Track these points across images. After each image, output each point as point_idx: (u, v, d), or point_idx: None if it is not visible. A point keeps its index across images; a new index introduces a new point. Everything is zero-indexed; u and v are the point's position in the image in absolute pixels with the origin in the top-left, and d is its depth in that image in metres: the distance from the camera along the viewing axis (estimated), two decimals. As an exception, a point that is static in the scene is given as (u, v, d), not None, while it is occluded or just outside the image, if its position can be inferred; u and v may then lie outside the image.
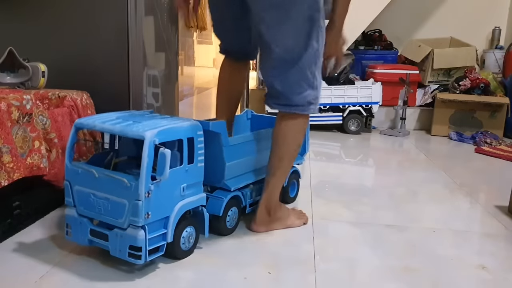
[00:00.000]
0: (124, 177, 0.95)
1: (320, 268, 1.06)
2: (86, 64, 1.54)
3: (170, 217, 1.00)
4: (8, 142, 1.07)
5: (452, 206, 1.59)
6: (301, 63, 1.16)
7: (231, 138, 1.17)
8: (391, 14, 3.55)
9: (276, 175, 1.25)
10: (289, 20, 1.12)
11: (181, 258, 1.06)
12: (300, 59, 1.15)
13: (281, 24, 1.13)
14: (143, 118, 1.06)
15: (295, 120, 1.21)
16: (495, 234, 1.33)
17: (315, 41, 1.15)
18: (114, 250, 0.97)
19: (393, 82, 3.10)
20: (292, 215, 1.33)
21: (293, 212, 1.36)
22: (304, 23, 1.13)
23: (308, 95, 1.19)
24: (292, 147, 1.24)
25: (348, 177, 1.93)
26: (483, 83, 2.98)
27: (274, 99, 1.21)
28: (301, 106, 1.19)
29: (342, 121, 2.93)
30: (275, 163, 1.24)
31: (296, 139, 1.24)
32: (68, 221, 1.04)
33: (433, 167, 2.15)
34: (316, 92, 1.21)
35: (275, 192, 1.26)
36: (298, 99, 1.18)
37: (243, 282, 0.99)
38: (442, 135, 3.02)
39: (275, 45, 1.14)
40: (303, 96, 1.18)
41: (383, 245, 1.22)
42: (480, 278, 1.06)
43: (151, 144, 0.93)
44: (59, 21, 1.54)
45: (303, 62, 1.16)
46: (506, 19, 3.73)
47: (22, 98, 1.16)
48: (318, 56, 1.18)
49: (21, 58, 1.35)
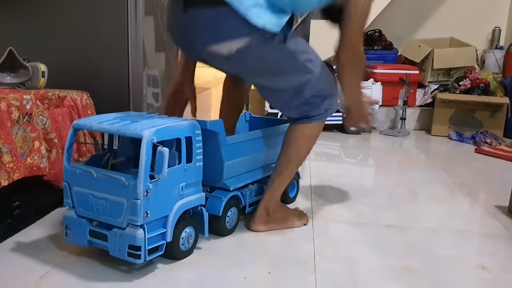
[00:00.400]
0: (122, 176, 0.95)
1: (320, 268, 1.06)
2: (86, 64, 1.54)
3: (169, 216, 1.00)
4: (8, 142, 1.07)
5: (452, 206, 1.59)
6: (306, 92, 1.17)
7: (229, 137, 1.17)
8: (391, 14, 3.55)
9: (282, 175, 1.25)
10: (277, 83, 1.17)
11: (181, 259, 1.06)
12: (306, 90, 1.17)
13: (272, 90, 1.19)
14: (140, 117, 1.06)
15: (310, 125, 1.22)
16: (495, 234, 1.33)
17: (308, 75, 1.16)
18: (114, 250, 0.97)
19: (393, 82, 3.10)
20: (292, 215, 1.33)
21: (293, 212, 1.36)
22: (291, 80, 1.15)
23: (324, 105, 1.20)
24: (302, 151, 1.25)
25: (348, 177, 1.93)
26: (483, 83, 2.98)
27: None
28: (318, 115, 1.21)
29: (342, 121, 2.93)
30: (283, 163, 1.24)
31: (308, 144, 1.24)
32: (67, 223, 1.04)
33: (433, 167, 2.15)
34: (332, 98, 1.22)
35: (278, 192, 1.27)
36: (316, 111, 1.20)
37: (243, 282, 0.99)
38: (442, 135, 3.02)
39: (273, 100, 1.24)
40: (320, 108, 1.20)
41: (383, 245, 1.22)
42: (480, 278, 1.06)
43: (149, 143, 0.93)
44: (59, 21, 1.54)
45: (308, 90, 1.17)
46: (506, 19, 3.73)
47: (22, 98, 1.16)
48: (321, 75, 1.18)
49: (21, 58, 1.35)
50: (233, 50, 1.07)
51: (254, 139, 1.29)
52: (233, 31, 1.05)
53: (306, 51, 1.17)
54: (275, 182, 1.25)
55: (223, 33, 1.06)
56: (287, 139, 1.24)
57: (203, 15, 1.06)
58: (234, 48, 1.07)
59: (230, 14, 1.02)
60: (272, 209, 1.26)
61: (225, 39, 1.06)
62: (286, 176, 1.26)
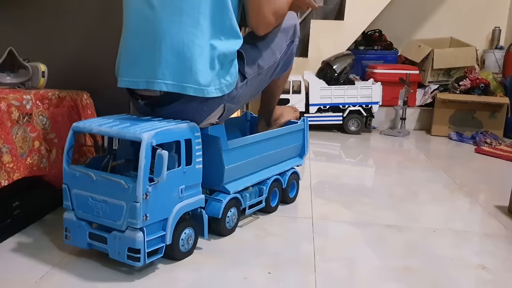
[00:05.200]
0: (122, 179, 0.95)
1: (320, 268, 1.06)
2: (86, 64, 1.54)
3: (168, 219, 0.99)
4: (8, 142, 1.07)
5: (452, 206, 1.59)
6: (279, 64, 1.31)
7: (230, 141, 1.17)
8: (391, 14, 3.56)
9: (276, 97, 1.47)
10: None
11: (180, 259, 1.06)
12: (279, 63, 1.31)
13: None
14: (140, 120, 1.06)
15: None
16: (495, 234, 1.33)
17: (275, 61, 1.27)
18: (113, 253, 0.97)
19: (393, 82, 3.10)
20: (286, 112, 1.53)
21: (286, 109, 1.57)
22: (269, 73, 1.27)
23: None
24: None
25: (348, 177, 1.93)
26: (483, 83, 2.98)
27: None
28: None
29: (342, 121, 2.93)
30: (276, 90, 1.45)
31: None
32: (66, 225, 1.04)
33: (433, 167, 2.15)
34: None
35: (272, 106, 1.50)
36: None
37: (243, 282, 0.99)
38: (442, 135, 3.02)
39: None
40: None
41: (383, 245, 1.22)
42: (480, 278, 1.06)
43: (148, 146, 0.93)
44: (59, 21, 1.54)
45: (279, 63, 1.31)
46: (506, 19, 3.73)
47: (22, 98, 1.16)
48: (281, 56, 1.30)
49: (21, 58, 1.35)
50: (216, 120, 1.15)
51: (255, 143, 1.29)
52: (207, 110, 1.10)
53: (260, 58, 1.22)
54: (272, 104, 1.48)
55: (199, 115, 1.10)
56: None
57: (173, 109, 1.10)
58: (216, 118, 1.15)
59: (195, 100, 1.07)
60: (271, 119, 1.51)
61: (204, 118, 1.12)
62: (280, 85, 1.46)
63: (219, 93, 1.08)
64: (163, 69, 1.05)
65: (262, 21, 1.16)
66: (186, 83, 1.04)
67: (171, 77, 1.05)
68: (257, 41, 1.22)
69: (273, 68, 1.27)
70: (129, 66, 1.11)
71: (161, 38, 1.05)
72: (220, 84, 1.08)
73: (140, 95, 1.13)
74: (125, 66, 1.12)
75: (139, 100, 1.14)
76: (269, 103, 1.50)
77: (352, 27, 3.26)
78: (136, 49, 1.09)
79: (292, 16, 1.32)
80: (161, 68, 1.05)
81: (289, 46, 1.31)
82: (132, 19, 1.10)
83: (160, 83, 1.05)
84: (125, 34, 1.13)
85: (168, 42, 1.04)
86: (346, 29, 3.26)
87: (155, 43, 1.05)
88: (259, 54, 1.21)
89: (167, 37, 1.04)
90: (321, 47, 3.27)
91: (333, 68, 2.95)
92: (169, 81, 1.05)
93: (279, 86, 1.45)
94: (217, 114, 1.13)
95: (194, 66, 1.04)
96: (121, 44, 1.14)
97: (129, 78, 1.11)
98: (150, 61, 1.06)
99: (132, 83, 1.11)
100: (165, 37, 1.04)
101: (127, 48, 1.11)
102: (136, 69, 1.09)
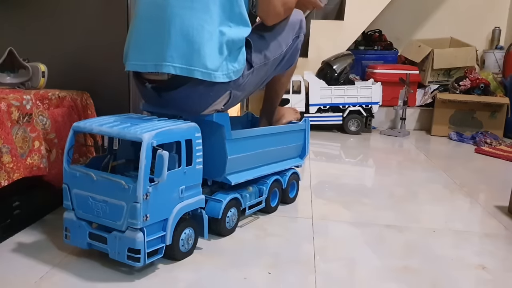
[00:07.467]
0: (122, 179, 0.95)
1: (320, 268, 1.06)
2: (86, 64, 1.53)
3: (168, 219, 0.99)
4: (8, 142, 1.07)
5: (452, 206, 1.59)
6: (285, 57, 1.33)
7: (234, 131, 1.17)
8: (391, 14, 3.56)
9: (279, 95, 1.49)
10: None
11: (180, 259, 1.06)
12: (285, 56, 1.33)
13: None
14: (141, 120, 1.06)
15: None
16: (495, 234, 1.33)
17: (281, 53, 1.29)
18: (113, 253, 0.97)
19: (393, 82, 3.11)
20: (287, 113, 1.54)
21: (287, 110, 1.57)
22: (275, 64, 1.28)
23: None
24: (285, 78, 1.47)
25: (348, 177, 1.93)
26: (483, 83, 2.98)
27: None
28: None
29: (342, 121, 2.93)
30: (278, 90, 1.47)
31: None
32: (66, 225, 1.04)
33: (433, 167, 2.15)
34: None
35: (275, 103, 1.51)
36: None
37: (243, 282, 0.99)
38: (442, 135, 3.02)
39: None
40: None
41: (383, 245, 1.22)
42: (480, 278, 1.06)
43: (148, 146, 0.93)
44: (59, 21, 1.53)
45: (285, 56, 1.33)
46: (506, 19, 3.73)
47: (22, 98, 1.16)
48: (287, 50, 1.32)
49: (21, 58, 1.34)
50: (221, 107, 1.15)
51: (259, 136, 1.29)
52: (213, 95, 1.11)
53: (267, 49, 1.23)
54: (274, 104, 1.49)
55: (205, 101, 1.11)
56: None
57: (179, 93, 1.10)
58: (222, 105, 1.15)
59: (202, 84, 1.07)
60: (272, 118, 1.51)
61: (210, 104, 1.12)
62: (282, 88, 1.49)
63: (226, 78, 1.08)
64: (171, 52, 1.05)
65: (273, 11, 1.18)
66: (194, 67, 1.05)
67: (179, 60, 1.05)
68: (265, 32, 1.23)
69: (278, 60, 1.27)
70: (138, 50, 1.12)
71: (170, 23, 1.06)
72: (227, 70, 1.08)
73: (147, 79, 1.14)
74: (134, 50, 1.13)
75: (146, 84, 1.14)
76: (272, 102, 1.50)
77: (352, 27, 3.26)
78: (145, 33, 1.10)
79: (299, 13, 1.35)
80: (170, 51, 1.06)
81: (295, 41, 1.32)
82: (144, 6, 1.12)
83: (168, 65, 1.06)
84: (135, 21, 1.13)
85: (177, 26, 1.05)
86: (346, 29, 3.26)
87: (165, 27, 1.06)
88: (266, 45, 1.22)
89: (176, 21, 1.05)
90: (321, 47, 3.27)
91: (333, 68, 2.95)
92: (177, 64, 1.05)
93: (283, 83, 1.46)
94: (223, 100, 1.14)
95: (202, 50, 1.05)
96: (130, 31, 1.15)
97: (137, 61, 1.12)
98: (159, 45, 1.07)
99: (140, 66, 1.12)
100: (174, 21, 1.05)
101: (137, 33, 1.12)
102: (144, 52, 1.10)
